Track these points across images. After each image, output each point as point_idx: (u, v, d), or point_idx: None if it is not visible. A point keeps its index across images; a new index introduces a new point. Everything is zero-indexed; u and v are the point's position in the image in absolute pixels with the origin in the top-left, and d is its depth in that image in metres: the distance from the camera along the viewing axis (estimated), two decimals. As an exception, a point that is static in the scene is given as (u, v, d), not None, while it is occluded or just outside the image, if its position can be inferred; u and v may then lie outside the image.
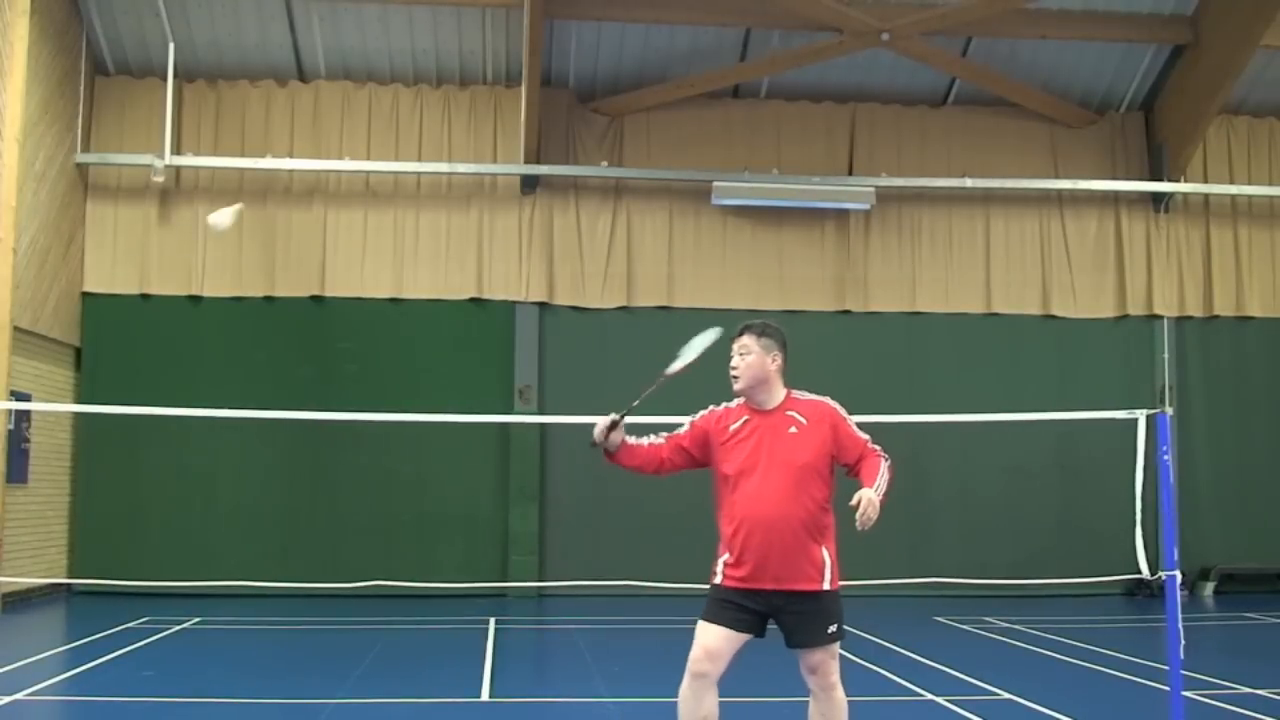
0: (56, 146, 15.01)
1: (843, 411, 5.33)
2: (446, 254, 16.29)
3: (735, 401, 5.40)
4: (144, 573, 13.92)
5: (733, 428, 5.28)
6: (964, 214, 17.06)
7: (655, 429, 5.61)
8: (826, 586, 5.12)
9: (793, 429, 5.19)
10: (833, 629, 5.12)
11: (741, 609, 5.11)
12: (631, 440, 5.48)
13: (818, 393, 5.42)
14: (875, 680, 9.35)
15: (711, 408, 5.48)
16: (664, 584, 11.56)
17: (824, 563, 5.13)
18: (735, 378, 5.28)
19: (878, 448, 5.30)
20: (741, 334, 5.34)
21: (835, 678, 5.16)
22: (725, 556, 5.18)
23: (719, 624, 5.10)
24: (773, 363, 5.29)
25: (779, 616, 5.13)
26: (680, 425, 5.52)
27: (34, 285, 14.30)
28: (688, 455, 5.43)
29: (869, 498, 5.00)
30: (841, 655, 5.23)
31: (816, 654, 5.12)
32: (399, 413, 12.43)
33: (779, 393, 5.30)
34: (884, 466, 5.21)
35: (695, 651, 5.10)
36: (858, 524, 4.97)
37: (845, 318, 16.78)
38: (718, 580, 5.19)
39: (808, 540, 5.09)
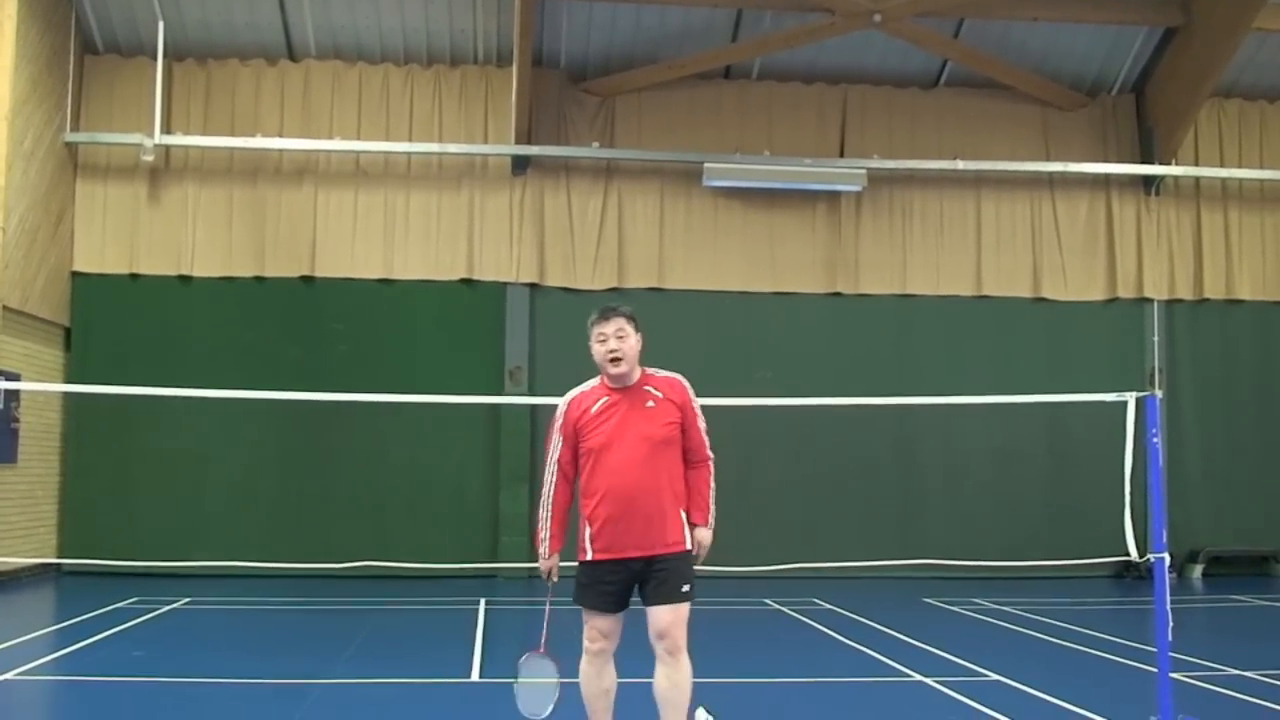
0: (45, 125, 14.93)
1: (693, 393, 5.58)
2: (437, 235, 16.26)
3: (590, 382, 5.63)
4: (134, 553, 13.93)
5: (594, 409, 5.51)
6: (955, 196, 17.05)
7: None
8: (688, 547, 5.45)
9: (650, 403, 5.48)
10: (686, 588, 5.39)
11: (608, 585, 5.41)
12: (553, 530, 5.63)
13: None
14: (864, 661, 9.37)
15: (568, 398, 5.66)
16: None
17: (683, 526, 5.46)
18: (618, 360, 5.47)
19: (709, 452, 5.59)
20: (611, 317, 5.52)
21: (684, 642, 5.39)
22: (589, 529, 5.44)
23: (597, 609, 5.45)
24: (639, 343, 5.57)
25: (640, 581, 5.42)
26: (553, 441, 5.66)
27: (23, 265, 14.24)
28: (576, 459, 5.61)
29: (705, 544, 5.52)
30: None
31: (667, 614, 5.33)
32: (389, 393, 12.32)
33: (638, 370, 5.57)
34: (709, 483, 5.58)
35: (589, 632, 5.48)
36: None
37: (836, 300, 16.76)
38: (587, 556, 5.46)
39: (667, 508, 5.39)
